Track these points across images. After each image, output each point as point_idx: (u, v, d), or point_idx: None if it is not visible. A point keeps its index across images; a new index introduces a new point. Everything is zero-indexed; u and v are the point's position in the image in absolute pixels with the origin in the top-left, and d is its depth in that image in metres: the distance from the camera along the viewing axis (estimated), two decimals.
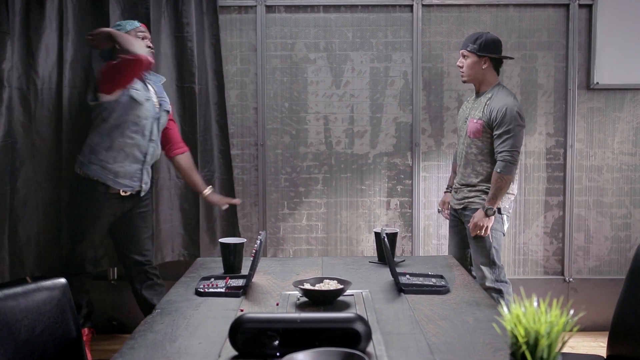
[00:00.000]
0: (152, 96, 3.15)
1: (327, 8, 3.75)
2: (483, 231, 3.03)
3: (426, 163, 3.80)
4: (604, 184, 3.83)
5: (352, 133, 3.80)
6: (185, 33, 3.53)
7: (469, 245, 3.22)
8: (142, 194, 3.22)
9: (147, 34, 3.17)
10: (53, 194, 3.45)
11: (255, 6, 3.72)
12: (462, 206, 3.17)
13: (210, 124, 3.65)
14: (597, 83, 3.74)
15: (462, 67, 3.14)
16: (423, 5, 3.73)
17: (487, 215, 3.01)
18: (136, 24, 3.14)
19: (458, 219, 3.25)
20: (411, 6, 3.74)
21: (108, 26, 3.41)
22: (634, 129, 3.81)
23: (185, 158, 3.34)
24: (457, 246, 3.29)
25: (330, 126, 3.79)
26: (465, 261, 3.24)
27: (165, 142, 3.29)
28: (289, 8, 3.73)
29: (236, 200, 3.49)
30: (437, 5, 3.74)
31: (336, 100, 3.78)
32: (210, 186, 3.38)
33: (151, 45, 3.14)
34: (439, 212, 3.49)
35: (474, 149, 3.10)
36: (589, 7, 3.72)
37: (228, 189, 3.69)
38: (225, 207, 3.43)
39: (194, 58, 3.55)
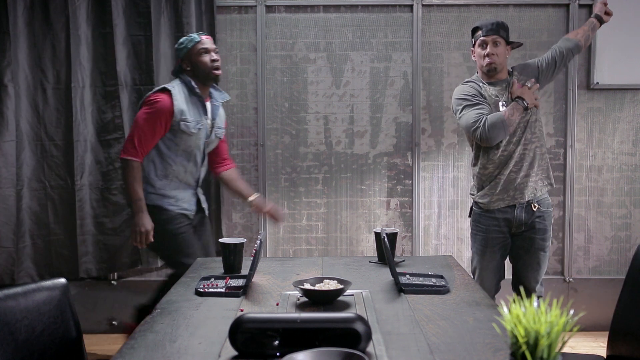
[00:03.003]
0: (206, 123, 3.00)
1: (327, 8, 3.75)
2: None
3: (426, 163, 3.80)
4: (604, 184, 3.83)
5: (352, 133, 3.80)
6: (185, 33, 3.53)
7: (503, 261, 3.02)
8: (207, 212, 3.15)
9: (211, 46, 2.99)
10: (64, 197, 3.45)
11: (255, 6, 3.72)
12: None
13: None
14: (597, 83, 3.74)
15: (494, 55, 2.86)
16: (423, 5, 3.73)
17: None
18: (196, 38, 2.97)
19: (508, 234, 2.95)
20: (411, 6, 3.74)
21: (111, 25, 3.41)
22: (634, 129, 3.81)
23: (231, 173, 3.24)
24: (495, 269, 2.99)
25: (330, 126, 3.79)
26: (499, 284, 3.03)
27: (211, 159, 3.17)
28: (289, 8, 3.73)
29: (279, 216, 3.23)
30: (437, 5, 3.74)
31: (336, 100, 3.78)
32: (257, 193, 3.26)
33: (216, 58, 2.98)
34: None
35: (530, 114, 2.88)
36: (589, 7, 3.72)
37: (218, 192, 3.70)
38: (268, 213, 3.23)
39: None
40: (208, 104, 3.03)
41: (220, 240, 2.39)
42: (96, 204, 3.53)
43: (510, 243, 2.97)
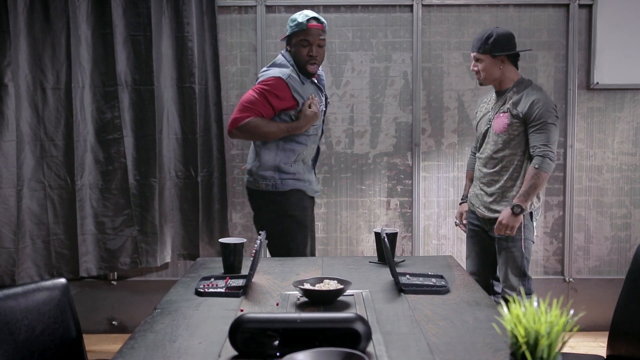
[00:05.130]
0: (322, 104, 3.08)
1: (327, 8, 3.75)
2: (510, 231, 2.81)
3: (426, 163, 3.80)
4: (604, 184, 3.82)
5: (352, 133, 3.80)
6: (185, 33, 3.53)
7: (491, 257, 3.02)
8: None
9: (315, 38, 2.93)
10: (64, 197, 3.44)
11: (255, 6, 3.72)
12: (493, 216, 2.92)
13: (210, 124, 3.65)
14: (597, 83, 3.74)
15: (477, 71, 2.90)
16: (423, 5, 3.73)
17: (514, 214, 2.78)
18: (304, 25, 2.93)
19: (481, 229, 3.03)
20: (411, 6, 3.73)
21: (111, 25, 3.41)
22: (634, 129, 3.81)
23: None
24: (477, 257, 3.07)
25: (330, 126, 3.79)
26: (486, 274, 3.05)
27: None
28: (289, 8, 3.73)
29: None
30: (437, 5, 3.74)
31: (336, 100, 3.78)
32: None
33: (315, 54, 2.93)
34: (456, 225, 3.28)
35: (500, 144, 2.89)
36: (589, 7, 3.72)
37: (222, 191, 3.69)
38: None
39: (195, 58, 3.55)
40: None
41: (220, 240, 2.39)
42: (96, 204, 3.53)
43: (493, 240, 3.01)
